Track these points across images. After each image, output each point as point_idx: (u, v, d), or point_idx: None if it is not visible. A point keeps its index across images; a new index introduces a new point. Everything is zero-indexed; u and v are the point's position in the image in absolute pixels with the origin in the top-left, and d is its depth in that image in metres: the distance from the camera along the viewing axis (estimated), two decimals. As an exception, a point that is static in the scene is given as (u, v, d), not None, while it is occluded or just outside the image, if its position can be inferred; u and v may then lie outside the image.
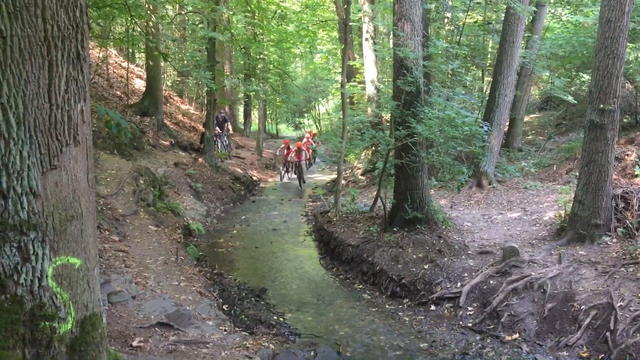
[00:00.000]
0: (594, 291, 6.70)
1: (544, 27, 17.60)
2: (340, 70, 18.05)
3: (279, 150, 21.77)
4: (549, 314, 6.70)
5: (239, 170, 19.69)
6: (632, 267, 6.98)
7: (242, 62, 24.24)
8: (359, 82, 21.35)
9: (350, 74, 20.82)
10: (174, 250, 9.23)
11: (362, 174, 18.18)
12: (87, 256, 3.19)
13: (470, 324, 7.16)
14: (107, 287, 6.13)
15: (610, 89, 7.82)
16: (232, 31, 17.63)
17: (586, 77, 17.51)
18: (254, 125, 32.54)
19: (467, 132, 9.37)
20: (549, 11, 18.83)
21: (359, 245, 10.07)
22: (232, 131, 22.28)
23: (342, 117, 13.89)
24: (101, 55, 19.42)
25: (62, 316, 3.04)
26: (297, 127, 39.99)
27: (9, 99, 2.77)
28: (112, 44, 20.08)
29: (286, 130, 43.60)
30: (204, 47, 17.62)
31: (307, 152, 21.98)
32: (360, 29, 21.03)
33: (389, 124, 13.56)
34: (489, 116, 13.33)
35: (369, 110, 18.49)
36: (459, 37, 15.05)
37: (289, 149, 20.62)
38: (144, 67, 22.37)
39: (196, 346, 5.24)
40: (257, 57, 20.76)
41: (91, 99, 3.13)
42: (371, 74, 18.49)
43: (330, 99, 38.32)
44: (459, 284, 7.98)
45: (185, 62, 21.79)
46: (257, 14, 19.47)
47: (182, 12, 19.31)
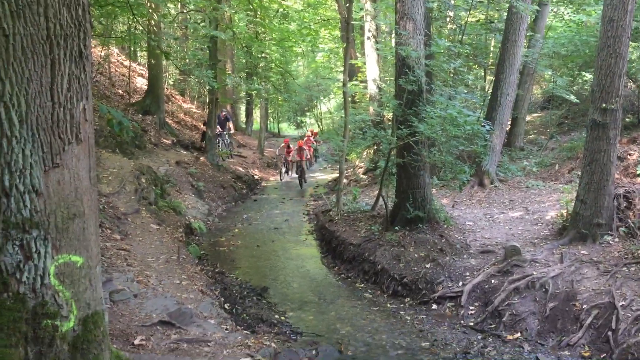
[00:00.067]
0: (596, 290, 6.69)
1: (546, 26, 17.58)
2: (342, 69, 18.06)
3: (279, 149, 21.66)
4: (550, 313, 6.70)
5: (241, 169, 19.71)
6: (634, 267, 6.97)
7: (244, 61, 24.25)
8: (361, 81, 21.33)
9: (352, 72, 20.81)
10: (176, 248, 9.24)
11: (364, 173, 18.17)
12: (89, 254, 3.20)
13: (471, 323, 7.16)
14: (109, 286, 6.14)
15: (612, 88, 7.80)
16: (234, 30, 17.61)
17: (588, 76, 17.48)
18: (256, 124, 32.56)
19: (469, 131, 9.37)
20: (552, 10, 18.80)
21: (361, 244, 10.07)
22: (233, 130, 22.27)
23: (344, 116, 13.88)
24: (103, 53, 19.43)
25: (65, 314, 3.05)
26: (298, 126, 39.96)
27: (12, 97, 2.77)
28: (114, 42, 20.08)
29: (288, 129, 43.56)
30: (206, 46, 17.61)
31: (308, 151, 21.87)
32: (362, 28, 21.00)
33: (390, 123, 13.56)
34: (491, 115, 13.32)
35: (371, 109, 18.49)
36: (461, 36, 15.04)
37: (289, 147, 20.51)
38: (146, 65, 22.40)
39: (198, 345, 5.25)
40: (259, 55, 20.76)
41: (93, 97, 3.12)
42: (373, 73, 18.47)
43: (332, 98, 38.29)
44: (460, 283, 7.97)
45: (187, 60, 21.78)
46: (259, 13, 19.45)
47: (184, 11, 19.34)
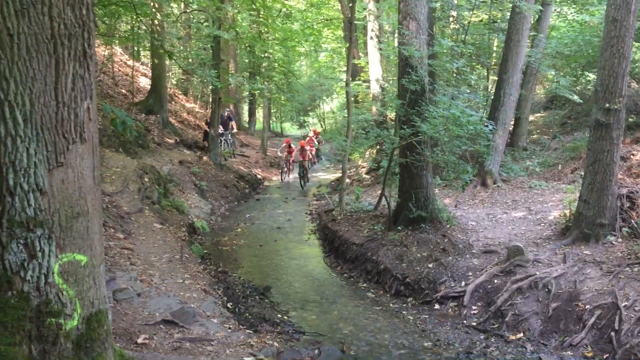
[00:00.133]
0: (599, 291, 6.68)
1: (549, 26, 17.55)
2: (345, 68, 18.09)
3: (280, 149, 21.39)
4: (553, 314, 6.69)
5: (244, 168, 19.72)
6: (637, 267, 6.96)
7: (247, 61, 24.28)
8: (364, 81, 21.33)
9: (355, 72, 20.80)
10: (179, 248, 9.25)
11: (367, 173, 18.16)
12: (93, 253, 3.20)
13: (474, 323, 7.16)
14: (113, 285, 6.16)
15: (616, 88, 7.79)
16: (237, 29, 17.63)
17: (592, 76, 17.45)
18: (259, 123, 32.57)
19: (471, 131, 9.36)
20: (555, 10, 18.78)
21: (363, 243, 10.07)
22: (236, 129, 22.27)
23: (346, 115, 13.90)
24: (107, 53, 19.48)
25: (68, 313, 3.05)
26: (301, 125, 39.96)
27: (16, 96, 2.78)
28: (117, 42, 20.13)
29: (291, 128, 43.56)
30: (209, 46, 17.64)
31: (310, 151, 21.79)
32: (365, 28, 20.99)
33: (393, 123, 13.57)
34: (494, 115, 13.32)
35: (374, 108, 18.48)
36: (464, 36, 15.03)
37: (290, 147, 20.34)
38: (149, 65, 22.41)
39: (201, 343, 5.27)
40: (262, 55, 20.77)
41: (97, 97, 3.13)
42: (376, 73, 18.47)
43: (334, 98, 38.27)
44: (463, 283, 7.97)
45: (190, 60, 21.81)
46: (262, 13, 19.45)
47: (188, 11, 19.36)
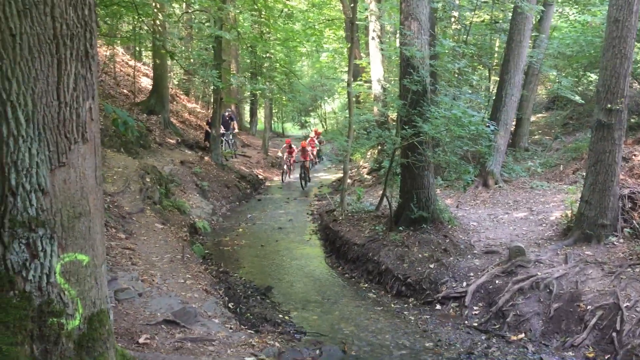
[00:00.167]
0: (600, 291, 6.68)
1: (551, 26, 17.53)
2: (346, 69, 18.07)
3: (281, 150, 21.13)
4: (555, 314, 6.69)
5: (245, 168, 19.72)
6: (639, 268, 6.95)
7: (248, 61, 24.28)
8: (365, 81, 21.32)
9: (356, 72, 20.80)
10: (180, 248, 9.26)
11: (368, 173, 18.16)
12: (95, 253, 3.21)
13: (475, 324, 7.16)
14: (114, 285, 6.17)
15: (617, 89, 7.78)
16: (239, 30, 17.63)
17: (593, 76, 17.43)
18: (260, 123, 32.56)
19: (473, 132, 9.36)
20: (557, 10, 18.75)
21: (365, 244, 10.07)
22: (237, 130, 22.27)
23: (348, 116, 13.89)
24: (108, 53, 19.50)
25: (70, 312, 3.06)
26: (303, 125, 39.95)
27: (18, 96, 2.78)
28: (119, 42, 20.15)
29: (292, 129, 43.56)
30: (211, 46, 17.65)
31: (312, 152, 21.71)
32: (366, 28, 21.00)
33: (395, 123, 13.55)
34: (495, 115, 13.31)
35: (375, 109, 18.47)
36: (466, 36, 15.01)
37: (291, 148, 20.13)
38: (151, 65, 22.43)
39: (202, 344, 5.27)
40: (264, 55, 20.79)
41: (99, 97, 3.13)
42: (377, 73, 18.47)
43: (336, 98, 38.26)
44: (464, 284, 7.97)
45: (191, 60, 21.84)
46: (263, 13, 19.48)
47: (189, 11, 19.38)
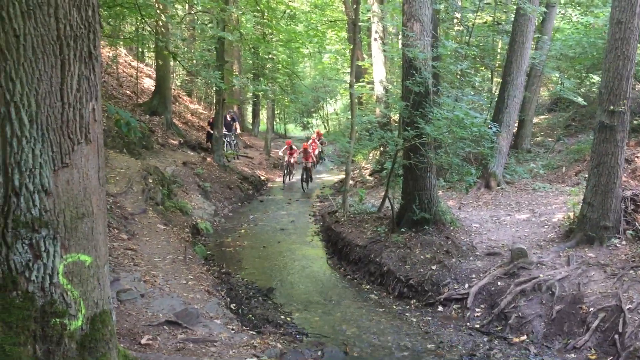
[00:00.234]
0: (603, 293, 6.67)
1: (554, 28, 17.52)
2: (349, 70, 18.05)
3: (282, 151, 20.77)
4: (557, 316, 6.68)
5: (247, 169, 19.73)
6: (642, 270, 6.94)
7: (251, 62, 24.31)
8: (368, 83, 21.32)
9: (358, 74, 20.79)
10: (182, 249, 9.27)
11: (370, 175, 18.16)
12: (98, 254, 3.22)
13: (477, 326, 7.15)
14: (116, 285, 6.18)
15: (620, 91, 7.78)
16: (241, 31, 17.65)
17: (596, 78, 17.41)
18: (262, 125, 32.61)
19: (475, 133, 9.35)
20: (559, 12, 18.75)
21: (367, 245, 10.06)
22: (240, 131, 22.28)
23: (350, 117, 13.89)
24: (111, 54, 19.54)
25: (73, 313, 3.06)
26: (305, 127, 39.97)
27: (22, 97, 2.79)
28: (122, 43, 20.18)
29: (294, 130, 43.58)
30: (213, 47, 17.66)
31: (313, 153, 21.58)
32: (369, 29, 21.01)
33: (397, 125, 13.55)
34: (497, 117, 13.30)
35: (378, 110, 18.48)
36: (468, 38, 15.01)
37: (291, 149, 19.75)
38: (154, 66, 22.49)
39: (204, 344, 5.27)
40: (266, 56, 20.79)
41: (101, 98, 3.15)
42: (380, 74, 18.47)
43: (338, 99, 38.28)
44: (466, 285, 7.96)
45: (194, 61, 21.84)
46: (266, 14, 19.49)
47: (192, 12, 19.37)
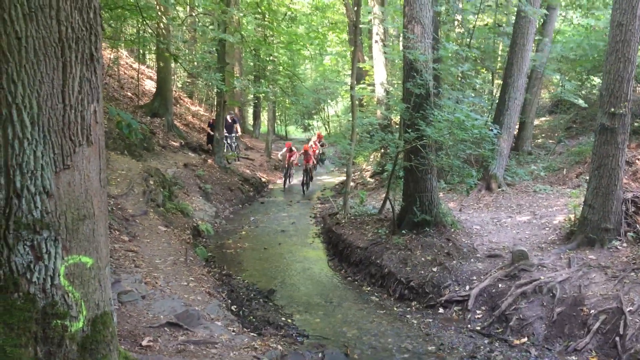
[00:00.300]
0: (604, 296, 6.66)
1: (554, 30, 17.53)
2: (349, 72, 18.06)
3: (281, 154, 20.53)
4: (558, 318, 6.67)
5: (248, 171, 19.73)
6: (643, 272, 6.94)
7: (252, 64, 24.32)
8: (369, 85, 21.32)
9: (359, 76, 20.80)
10: (183, 250, 9.27)
11: (371, 176, 18.16)
12: (99, 255, 3.22)
13: (478, 328, 7.14)
14: (117, 287, 6.18)
15: (621, 93, 7.78)
16: (243, 33, 17.67)
17: (597, 80, 17.44)
18: (263, 126, 32.62)
19: (476, 135, 9.36)
20: (560, 14, 18.77)
21: (368, 247, 10.06)
22: (241, 132, 22.29)
23: (351, 119, 13.89)
24: (112, 56, 19.57)
25: (74, 314, 3.07)
26: (306, 129, 39.98)
27: (24, 99, 2.80)
28: (123, 45, 20.22)
29: (295, 132, 43.58)
30: (214, 49, 17.67)
31: (313, 156, 21.48)
32: (370, 31, 21.02)
33: (398, 127, 13.55)
34: (498, 119, 13.31)
35: (378, 112, 18.47)
36: (469, 40, 15.03)
37: (291, 151, 19.40)
38: (155, 68, 22.53)
39: (205, 346, 5.27)
40: (267, 58, 20.80)
41: (103, 99, 3.15)
42: (381, 77, 18.48)
43: (339, 101, 38.31)
44: (467, 287, 7.95)
45: (195, 63, 21.85)
46: (267, 16, 19.50)
47: (193, 14, 19.42)
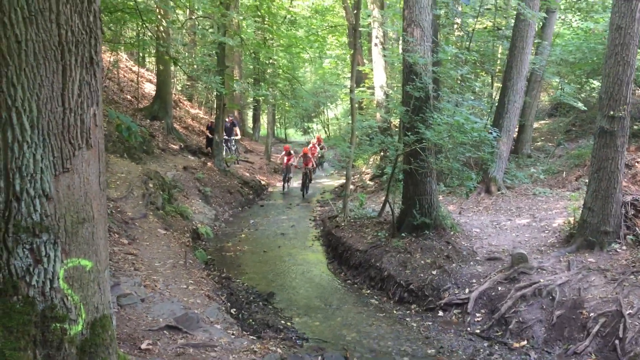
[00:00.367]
0: (603, 299, 6.66)
1: (554, 33, 17.56)
2: (349, 75, 18.10)
3: (280, 157, 20.29)
4: (557, 321, 6.67)
5: (247, 174, 19.73)
6: (642, 275, 6.94)
7: (251, 67, 24.33)
8: (368, 88, 21.34)
9: (359, 79, 20.82)
10: (183, 253, 9.27)
11: (371, 179, 18.16)
12: (98, 258, 3.22)
13: (478, 331, 7.14)
14: (117, 290, 6.17)
15: (620, 96, 7.79)
16: (242, 36, 17.68)
17: (596, 83, 17.45)
18: (263, 129, 32.68)
19: (476, 138, 9.37)
20: (559, 17, 18.80)
21: (367, 250, 10.05)
22: (240, 135, 22.30)
23: (350, 122, 13.91)
24: (112, 59, 19.58)
25: (73, 318, 3.07)
26: (305, 131, 40.03)
27: (24, 102, 2.81)
28: (123, 48, 20.25)
29: (295, 135, 43.62)
30: (214, 52, 17.69)
31: (312, 158, 21.44)
32: (369, 35, 21.06)
33: (397, 130, 13.56)
34: (498, 122, 13.31)
35: (378, 115, 18.50)
36: (468, 43, 15.05)
37: (289, 155, 19.21)
38: (154, 71, 22.55)
39: (204, 349, 5.27)
40: (267, 61, 20.82)
41: (102, 102, 3.16)
42: (380, 80, 18.50)
43: (339, 104, 38.39)
44: (467, 290, 7.95)
45: (195, 66, 21.86)
46: (267, 19, 19.52)
47: (193, 17, 19.44)
